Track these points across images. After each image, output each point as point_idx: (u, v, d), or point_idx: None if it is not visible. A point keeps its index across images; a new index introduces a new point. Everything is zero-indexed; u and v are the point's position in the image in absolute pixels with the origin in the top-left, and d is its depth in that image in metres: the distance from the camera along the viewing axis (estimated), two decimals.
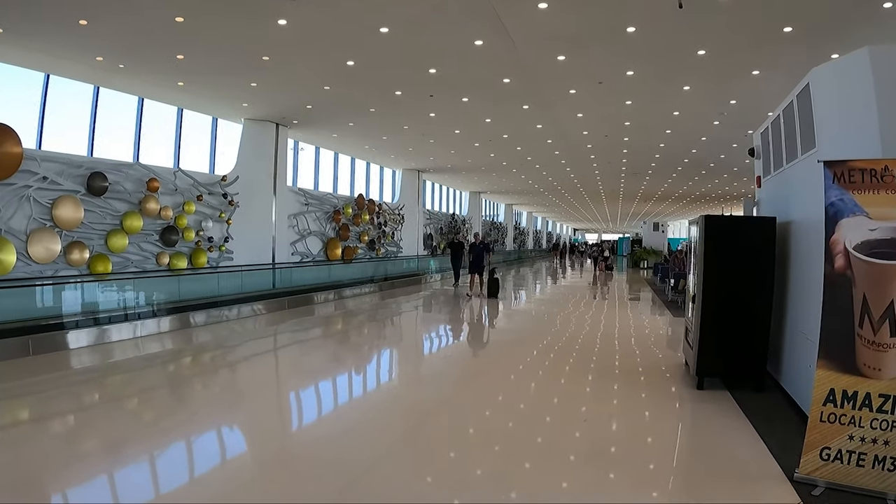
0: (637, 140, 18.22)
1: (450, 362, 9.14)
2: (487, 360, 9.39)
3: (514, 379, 7.58)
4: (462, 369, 8.49)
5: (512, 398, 6.71)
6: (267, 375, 8.31)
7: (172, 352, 9.73)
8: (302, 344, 10.79)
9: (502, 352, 9.87)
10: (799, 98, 6.26)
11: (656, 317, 13.84)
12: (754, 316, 6.63)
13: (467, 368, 8.65)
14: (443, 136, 18.76)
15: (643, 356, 8.96)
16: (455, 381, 7.62)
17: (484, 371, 8.44)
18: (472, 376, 8.02)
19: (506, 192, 38.38)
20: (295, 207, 19.51)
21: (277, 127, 17.48)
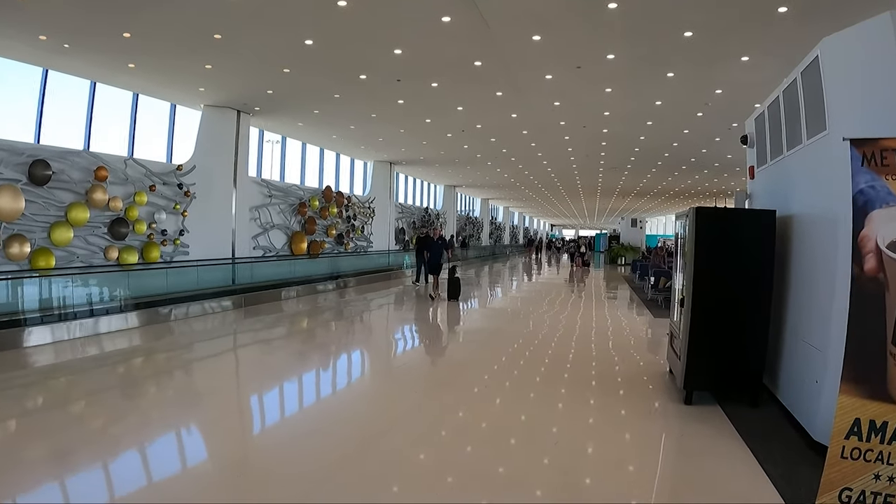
0: (617, 132, 17.46)
1: (405, 373, 8.04)
2: (449, 370, 8.32)
3: (478, 392, 6.67)
4: (418, 381, 7.46)
5: (473, 415, 5.82)
6: (210, 380, 7.34)
7: (121, 353, 8.93)
8: (246, 348, 9.78)
9: (467, 359, 8.80)
10: (805, 75, 5.47)
11: (636, 317, 13.10)
12: (751, 322, 5.85)
13: (425, 379, 7.60)
14: (413, 126, 17.86)
15: (623, 363, 8.13)
16: (409, 396, 6.66)
17: (444, 382, 7.43)
18: (431, 389, 7.06)
19: (481, 187, 37.55)
20: (257, 199, 18.52)
21: (238, 114, 16.50)
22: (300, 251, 20.01)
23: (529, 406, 6.13)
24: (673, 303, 7.29)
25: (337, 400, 6.72)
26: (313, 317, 13.11)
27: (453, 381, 7.34)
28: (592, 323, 11.81)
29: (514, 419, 5.71)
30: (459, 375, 7.59)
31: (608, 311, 13.87)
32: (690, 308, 5.83)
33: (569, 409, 6.02)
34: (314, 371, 8.10)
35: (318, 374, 7.93)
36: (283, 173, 20.84)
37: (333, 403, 6.56)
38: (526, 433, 5.34)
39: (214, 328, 11.01)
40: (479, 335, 10.81)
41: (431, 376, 7.80)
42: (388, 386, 7.32)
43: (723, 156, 21.46)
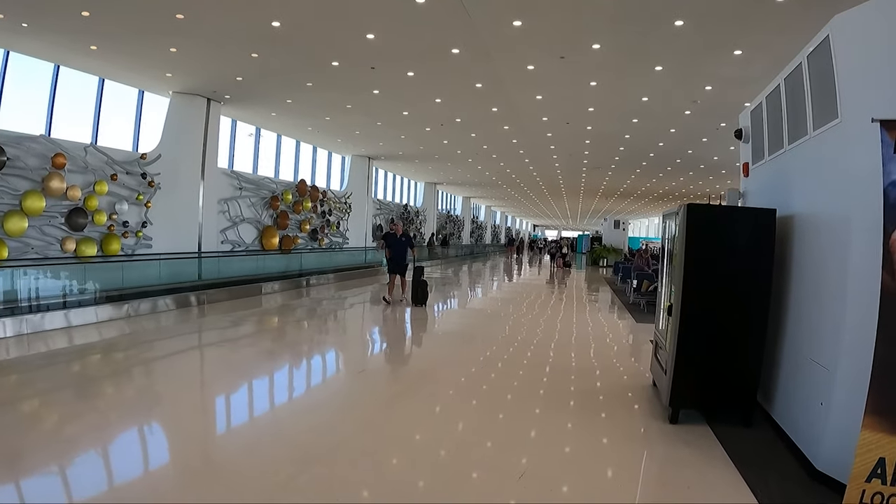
0: (601, 129, 16.89)
1: (360, 385, 7.02)
2: (410, 383, 7.18)
3: (440, 412, 5.89)
4: (374, 395, 6.47)
5: (432, 441, 5.07)
6: (159, 383, 6.60)
7: (74, 350, 8.21)
8: (190, 352, 9.01)
9: (431, 371, 7.71)
10: (812, 58, 4.87)
11: (618, 322, 12.51)
12: (746, 333, 5.25)
13: (381, 394, 6.57)
14: (390, 119, 17.17)
15: (604, 375, 7.50)
16: (360, 414, 5.75)
17: (402, 397, 6.41)
18: (386, 406, 6.08)
19: (462, 184, 36.91)
20: (227, 191, 17.77)
21: (209, 102, 15.76)
22: (271, 246, 19.25)
23: (497, 430, 5.38)
24: (658, 309, 6.67)
25: (284, 408, 5.97)
26: (268, 318, 12.34)
27: (412, 396, 6.48)
28: (572, 328, 11.19)
29: (479, 447, 4.96)
30: (420, 389, 6.77)
31: (589, 315, 13.27)
32: (679, 316, 5.21)
33: (542, 435, 5.26)
34: (296, 364, 7.39)
35: (286, 374, 7.19)
36: (255, 165, 20.09)
37: (278, 414, 5.80)
38: (491, 464, 4.60)
39: (173, 326, 10.22)
40: (447, 343, 9.89)
41: (388, 390, 6.90)
42: (334, 400, 6.43)
43: (709, 157, 21.01)
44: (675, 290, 5.39)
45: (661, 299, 6.55)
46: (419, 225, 34.07)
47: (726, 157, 20.86)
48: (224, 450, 4.81)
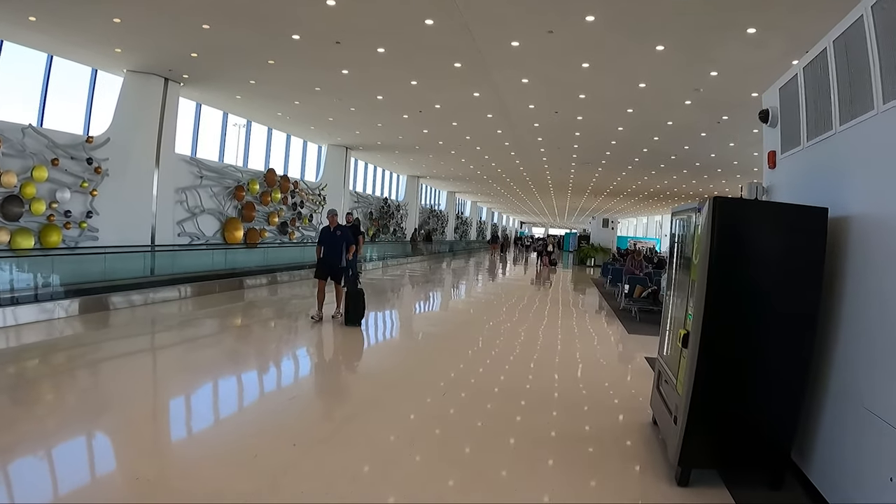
0: (592, 120, 15.61)
1: (284, 420, 5.24)
2: (340, 420, 5.42)
3: (381, 464, 4.34)
4: (299, 435, 4.83)
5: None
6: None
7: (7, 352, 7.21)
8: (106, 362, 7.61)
9: (375, 400, 5.94)
10: (880, 7, 3.59)
11: (607, 331, 11.23)
12: (782, 372, 3.97)
13: (306, 434, 4.90)
14: (364, 104, 15.79)
15: (593, 409, 6.09)
16: (276, 463, 4.22)
17: (333, 440, 4.79)
18: (308, 448, 4.56)
19: (446, 178, 35.53)
20: (186, 180, 16.36)
21: (166, 83, 14.43)
22: (235, 240, 17.84)
23: (452, 497, 3.95)
24: (664, 332, 5.36)
25: (173, 453, 4.60)
26: (207, 322, 10.98)
27: (337, 443, 4.76)
28: (556, 341, 9.87)
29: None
30: (350, 432, 5.04)
31: (576, 322, 11.97)
32: (698, 350, 3.91)
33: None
34: (202, 389, 5.99)
35: (183, 403, 5.80)
36: (222, 153, 18.68)
37: (167, 461, 4.43)
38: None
39: (87, 333, 8.81)
40: (399, 364, 7.92)
41: (319, 428, 5.32)
42: (256, 441, 4.83)
43: (705, 155, 19.80)
44: (693, 314, 4.06)
45: (669, 317, 5.25)
46: (400, 220, 32.70)
47: (724, 156, 19.69)
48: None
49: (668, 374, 4.75)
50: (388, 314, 12.61)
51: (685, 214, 4.77)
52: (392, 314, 12.74)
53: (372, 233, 28.45)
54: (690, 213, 4.54)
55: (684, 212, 4.81)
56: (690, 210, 4.54)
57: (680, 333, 4.14)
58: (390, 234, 31.32)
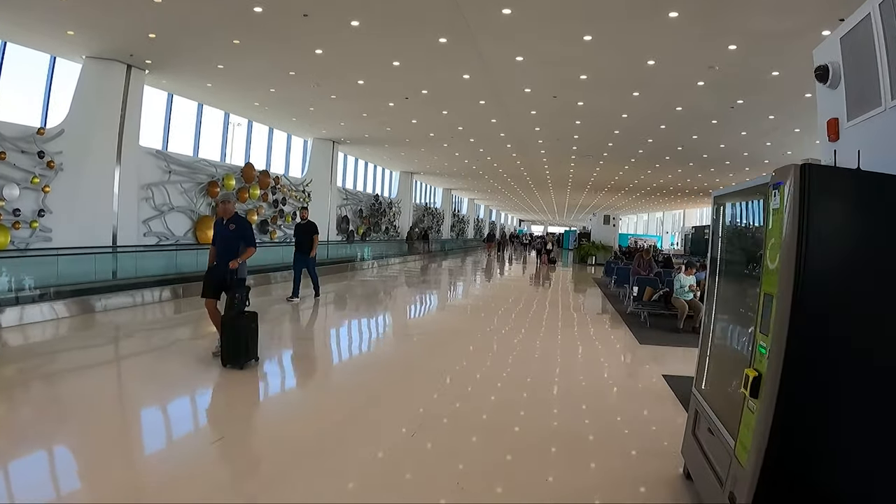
0: (594, 106, 14.28)
1: (209, 466, 3.98)
2: (270, 475, 3.86)
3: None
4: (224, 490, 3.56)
5: None
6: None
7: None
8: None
9: (316, 451, 4.35)
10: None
11: (615, 343, 9.82)
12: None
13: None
14: (345, 90, 14.45)
15: (601, 453, 4.63)
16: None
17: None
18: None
19: (441, 174, 34.13)
20: (153, 175, 15.07)
21: (128, 70, 13.19)
22: (208, 239, 16.45)
23: None
24: (703, 358, 4.00)
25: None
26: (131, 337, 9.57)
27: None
28: (556, 354, 8.48)
29: None
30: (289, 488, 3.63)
31: (578, 331, 10.58)
32: (781, 402, 2.55)
33: None
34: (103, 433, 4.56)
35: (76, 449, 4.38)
36: (196, 147, 17.36)
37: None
38: None
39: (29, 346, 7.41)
40: (366, 389, 6.18)
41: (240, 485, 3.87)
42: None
43: (714, 145, 18.48)
44: (769, 347, 2.67)
45: (710, 341, 3.90)
46: (393, 217, 31.31)
47: (734, 146, 18.38)
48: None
49: (715, 424, 3.40)
50: (344, 328, 10.24)
51: (743, 197, 3.42)
52: (350, 327, 10.39)
53: (362, 231, 27.09)
54: (753, 195, 3.19)
55: (741, 193, 3.45)
56: (754, 189, 3.19)
57: (747, 375, 2.77)
58: (382, 232, 29.95)
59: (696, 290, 10.65)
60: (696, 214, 50.30)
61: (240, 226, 7.04)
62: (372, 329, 10.42)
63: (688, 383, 4.18)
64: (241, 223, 7.09)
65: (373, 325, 10.82)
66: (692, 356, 8.53)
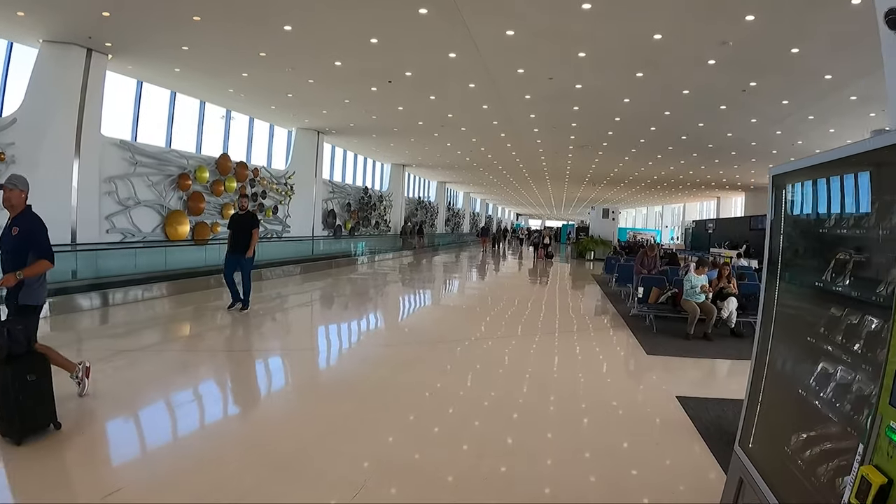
0: (594, 89, 13.14)
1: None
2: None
3: None
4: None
5: None
6: None
7: None
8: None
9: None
10: None
11: (620, 353, 8.65)
12: None
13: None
14: (322, 73, 13.28)
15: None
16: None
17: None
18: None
19: (434, 167, 32.89)
20: (116, 167, 13.93)
21: (89, 54, 12.15)
22: (179, 235, 15.38)
23: None
24: (752, 406, 2.87)
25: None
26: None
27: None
28: (552, 369, 7.38)
29: None
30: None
31: (577, 338, 9.43)
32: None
33: None
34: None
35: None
36: (169, 138, 16.22)
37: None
38: None
39: None
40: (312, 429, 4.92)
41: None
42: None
43: (721, 133, 17.36)
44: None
45: (762, 386, 2.78)
46: (383, 211, 30.14)
47: (742, 135, 17.29)
48: None
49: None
50: (276, 356, 7.74)
51: (829, 172, 2.30)
52: (290, 348, 8.89)
53: (350, 226, 25.92)
54: (851, 168, 2.08)
55: (826, 168, 2.33)
56: (855, 160, 2.07)
57: (864, 478, 1.64)
58: (372, 227, 28.76)
59: (708, 292, 9.54)
60: (696, 208, 49.18)
61: (27, 227, 4.65)
62: (322, 345, 8.65)
63: (707, 407, 3.14)
64: (31, 224, 4.67)
65: (325, 339, 9.21)
66: (708, 370, 7.26)
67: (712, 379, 7.42)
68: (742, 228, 30.13)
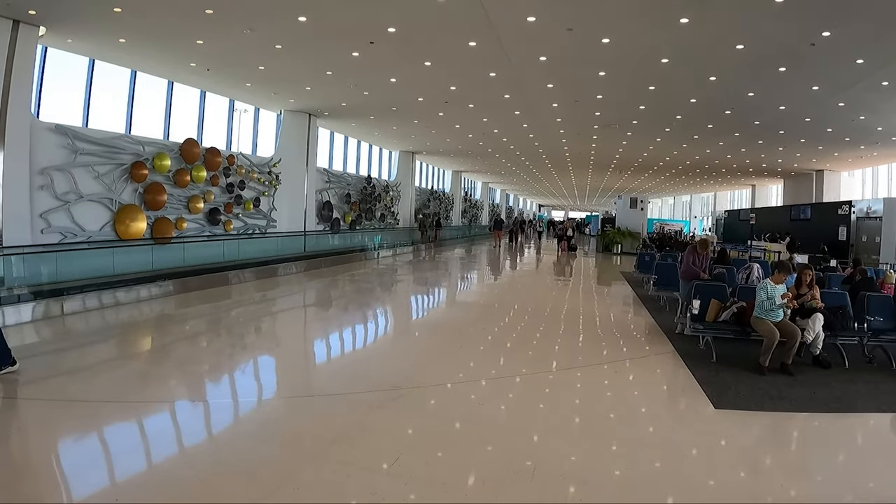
0: (624, 44, 10.49)
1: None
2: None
3: None
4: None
5: None
6: None
7: None
8: None
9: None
10: None
11: (672, 406, 6.06)
12: None
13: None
14: (289, 36, 10.79)
15: None
16: None
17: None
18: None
19: (447, 154, 30.06)
20: (53, 157, 11.74)
21: (15, 26, 10.11)
22: (133, 234, 13.07)
23: None
24: None
25: None
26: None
27: None
28: (568, 448, 4.84)
29: None
30: None
31: (608, 378, 6.84)
32: None
33: None
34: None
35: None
36: (129, 123, 13.96)
37: None
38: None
39: None
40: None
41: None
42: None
43: (772, 106, 14.64)
44: None
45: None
46: (390, 202, 27.61)
47: (798, 106, 14.53)
48: None
49: None
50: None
51: None
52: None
53: (350, 219, 23.41)
54: None
55: None
56: None
57: None
58: (377, 219, 26.24)
59: (791, 305, 6.92)
60: (727, 197, 46.00)
61: None
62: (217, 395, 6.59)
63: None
64: None
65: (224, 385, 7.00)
66: (818, 436, 4.41)
67: (832, 457, 4.64)
68: (781, 219, 27.22)
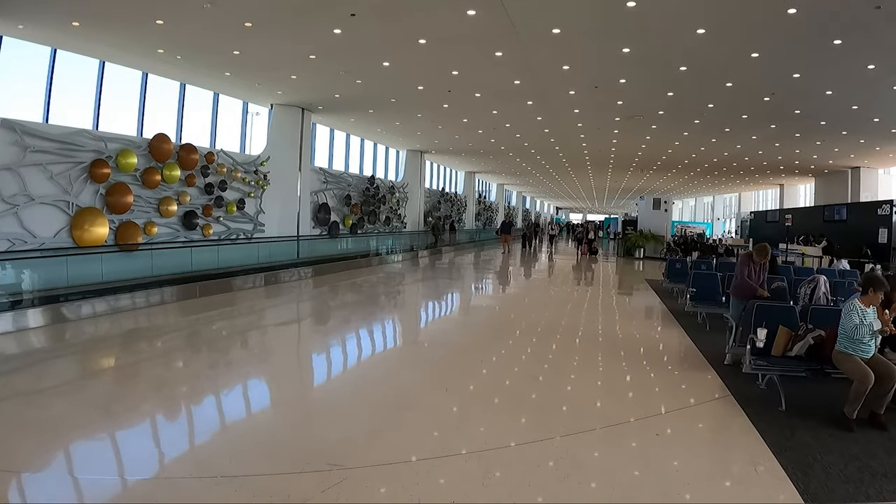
0: (653, 11, 8.75)
1: None
2: None
3: None
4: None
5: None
6: None
7: None
8: None
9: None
10: None
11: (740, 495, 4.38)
12: None
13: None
14: (256, 7, 9.22)
15: None
16: None
17: None
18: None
19: (458, 153, 28.26)
20: (2, 156, 10.18)
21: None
22: (93, 240, 11.58)
23: None
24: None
25: None
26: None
27: None
28: None
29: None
30: None
31: (644, 444, 5.11)
32: None
33: None
34: None
35: None
36: (97, 119, 12.55)
37: None
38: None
39: None
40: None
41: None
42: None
43: (818, 90, 12.80)
44: None
45: None
46: (395, 204, 25.93)
47: (846, 92, 12.75)
48: None
49: None
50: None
51: None
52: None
53: (350, 222, 21.75)
54: None
55: None
56: None
57: None
58: (382, 223, 24.58)
59: (884, 331, 5.14)
60: (751, 198, 43.76)
61: None
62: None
63: None
64: None
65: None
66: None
67: None
68: (814, 220, 25.17)
